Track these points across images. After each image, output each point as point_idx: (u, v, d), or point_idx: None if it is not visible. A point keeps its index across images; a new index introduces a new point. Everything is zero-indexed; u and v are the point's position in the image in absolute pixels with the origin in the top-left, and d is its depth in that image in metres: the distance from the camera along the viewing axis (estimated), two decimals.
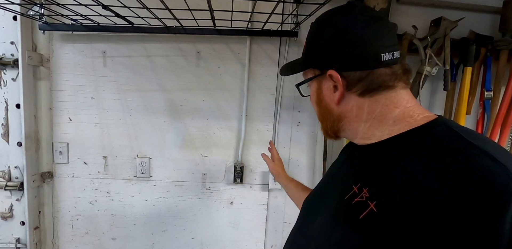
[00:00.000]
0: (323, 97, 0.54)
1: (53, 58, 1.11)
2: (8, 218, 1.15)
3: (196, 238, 1.25)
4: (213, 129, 1.19)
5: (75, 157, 1.17)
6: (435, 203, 0.35)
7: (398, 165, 0.43)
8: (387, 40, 0.48)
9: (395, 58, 0.48)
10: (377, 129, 0.49)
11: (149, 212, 1.22)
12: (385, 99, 0.48)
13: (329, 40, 0.49)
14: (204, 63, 1.15)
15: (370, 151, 0.49)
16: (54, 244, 1.22)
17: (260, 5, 0.87)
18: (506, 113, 1.09)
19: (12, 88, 1.08)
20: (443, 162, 0.38)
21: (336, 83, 0.49)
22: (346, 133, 0.54)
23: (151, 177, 1.20)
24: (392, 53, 0.47)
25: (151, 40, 1.12)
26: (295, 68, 0.60)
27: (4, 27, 1.06)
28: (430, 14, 1.11)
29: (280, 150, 1.21)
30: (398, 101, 0.48)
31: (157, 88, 1.15)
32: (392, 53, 0.47)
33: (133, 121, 1.16)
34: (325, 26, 0.51)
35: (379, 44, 0.47)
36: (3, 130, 1.11)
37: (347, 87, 0.49)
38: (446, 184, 0.35)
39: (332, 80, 0.50)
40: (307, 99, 1.18)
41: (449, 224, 0.34)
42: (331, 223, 0.48)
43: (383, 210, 0.40)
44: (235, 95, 1.17)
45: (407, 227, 0.37)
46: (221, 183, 1.22)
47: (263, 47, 1.14)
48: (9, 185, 1.11)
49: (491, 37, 1.10)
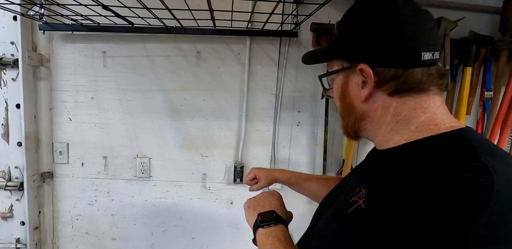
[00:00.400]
0: (348, 93, 0.49)
1: (53, 58, 1.11)
2: (8, 218, 1.15)
3: (196, 238, 1.25)
4: (213, 129, 1.19)
5: (75, 157, 1.17)
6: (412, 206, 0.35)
7: (401, 170, 0.42)
8: (430, 37, 0.44)
9: (434, 59, 0.44)
10: (396, 133, 0.46)
11: (149, 212, 1.22)
12: (414, 103, 0.44)
13: (366, 31, 0.45)
14: (204, 63, 1.15)
15: (384, 156, 0.48)
16: (54, 244, 1.22)
17: (260, 5, 0.87)
18: (506, 113, 1.10)
19: (12, 88, 1.08)
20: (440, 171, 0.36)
21: (366, 79, 0.45)
22: (367, 133, 0.50)
23: (151, 177, 1.20)
24: (433, 53, 0.44)
25: (151, 40, 1.12)
26: (320, 57, 0.55)
27: (4, 27, 1.06)
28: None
29: (280, 150, 1.22)
30: (428, 107, 0.44)
31: (157, 88, 1.15)
32: (432, 53, 0.43)
33: (133, 121, 1.16)
34: (363, 14, 0.46)
35: (421, 41, 0.43)
36: (3, 130, 1.11)
37: (378, 84, 0.45)
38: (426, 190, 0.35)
39: (362, 75, 0.46)
40: (307, 100, 1.19)
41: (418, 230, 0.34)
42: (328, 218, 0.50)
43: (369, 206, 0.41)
44: (235, 95, 1.17)
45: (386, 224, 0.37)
46: (221, 183, 1.22)
47: (263, 47, 1.14)
48: (9, 185, 1.11)
49: (491, 37, 1.10)
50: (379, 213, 0.38)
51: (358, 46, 0.46)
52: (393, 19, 0.44)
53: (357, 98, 0.48)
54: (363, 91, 0.46)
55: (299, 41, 1.14)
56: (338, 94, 0.52)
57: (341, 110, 0.53)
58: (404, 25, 0.43)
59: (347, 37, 0.48)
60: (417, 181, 0.37)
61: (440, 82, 0.45)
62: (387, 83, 0.44)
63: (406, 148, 0.44)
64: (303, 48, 1.15)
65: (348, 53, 0.48)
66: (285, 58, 1.15)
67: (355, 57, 0.47)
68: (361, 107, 0.48)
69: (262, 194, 0.69)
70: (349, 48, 0.47)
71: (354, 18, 0.48)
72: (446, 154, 0.39)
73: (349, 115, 0.50)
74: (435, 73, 0.45)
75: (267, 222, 0.56)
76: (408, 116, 0.45)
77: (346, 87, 0.49)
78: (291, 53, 1.15)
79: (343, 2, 1.09)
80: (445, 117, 0.44)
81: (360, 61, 0.45)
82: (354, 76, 0.47)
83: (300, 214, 1.26)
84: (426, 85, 0.44)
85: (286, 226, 0.59)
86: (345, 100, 0.50)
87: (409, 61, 0.43)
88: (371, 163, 0.52)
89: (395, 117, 0.45)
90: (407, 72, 0.43)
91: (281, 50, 1.14)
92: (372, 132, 0.49)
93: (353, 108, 0.49)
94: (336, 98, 0.53)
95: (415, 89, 0.44)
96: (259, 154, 1.21)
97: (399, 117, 0.45)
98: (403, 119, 0.45)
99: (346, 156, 1.13)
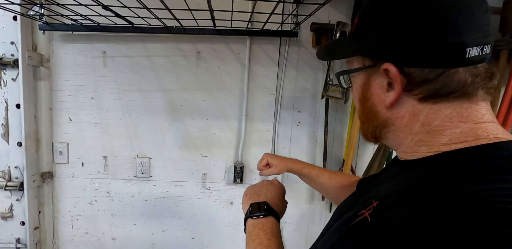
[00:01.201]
0: (370, 96, 0.41)
1: (53, 58, 1.11)
2: (8, 218, 1.15)
3: (196, 238, 1.25)
4: (213, 129, 1.19)
5: (75, 157, 1.17)
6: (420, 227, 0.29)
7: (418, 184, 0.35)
8: (480, 26, 0.34)
9: (484, 55, 0.34)
10: (425, 144, 0.37)
11: (149, 212, 1.22)
12: (451, 110, 0.36)
13: (393, 20, 0.36)
14: (204, 63, 1.15)
15: (406, 167, 0.40)
16: (54, 244, 1.22)
17: (260, 5, 0.87)
18: (506, 113, 1.09)
19: (12, 88, 1.08)
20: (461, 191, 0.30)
21: (393, 80, 0.37)
22: (389, 141, 0.43)
23: (151, 177, 1.20)
24: (483, 47, 0.34)
25: (151, 40, 1.12)
26: (338, 52, 0.46)
27: (4, 27, 1.06)
28: None
29: (280, 150, 1.21)
30: (468, 115, 0.36)
31: (157, 88, 1.15)
32: (482, 47, 0.34)
33: (133, 121, 1.16)
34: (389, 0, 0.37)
35: (468, 33, 0.33)
36: (3, 130, 1.11)
37: (406, 87, 0.36)
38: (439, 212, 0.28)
39: (388, 76, 0.37)
40: (306, 100, 1.19)
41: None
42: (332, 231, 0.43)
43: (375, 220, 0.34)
44: (235, 95, 1.17)
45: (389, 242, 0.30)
46: (221, 183, 1.22)
47: (263, 47, 1.14)
48: (9, 185, 1.11)
49: None
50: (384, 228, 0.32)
51: (382, 40, 0.37)
52: (432, 5, 0.34)
53: (380, 102, 0.40)
54: (388, 95, 0.38)
55: (299, 41, 1.14)
56: (358, 96, 0.43)
57: (360, 114, 0.45)
58: (444, 12, 0.33)
59: (369, 28, 0.39)
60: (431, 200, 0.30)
61: (489, 84, 0.36)
62: (418, 87, 0.36)
63: (432, 160, 0.36)
64: (303, 48, 1.15)
65: (370, 48, 0.39)
66: (285, 58, 1.15)
67: (379, 54, 0.38)
68: (384, 113, 0.40)
69: (262, 182, 0.68)
70: (372, 42, 0.38)
71: (378, 3, 0.38)
72: (477, 170, 0.32)
73: (370, 121, 0.42)
74: (483, 74, 0.36)
75: (255, 213, 0.56)
76: (440, 126, 0.36)
77: (367, 90, 0.41)
78: (291, 53, 1.15)
79: (343, 2, 1.09)
80: (490, 128, 0.35)
81: (385, 59, 0.37)
82: (377, 77, 0.39)
83: (300, 214, 1.26)
84: (470, 89, 0.35)
85: (277, 219, 0.58)
86: (366, 105, 0.42)
87: (449, 60, 0.34)
88: (392, 173, 0.45)
89: (424, 126, 0.37)
90: (445, 73, 0.34)
91: (281, 50, 1.14)
92: (395, 141, 0.41)
93: (376, 113, 0.41)
94: (355, 100, 0.45)
95: (456, 94, 0.35)
96: (259, 154, 1.20)
97: (430, 127, 0.37)
98: (434, 130, 0.37)
99: (346, 156, 1.13)
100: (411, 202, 0.32)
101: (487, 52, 0.35)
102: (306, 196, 1.25)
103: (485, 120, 0.36)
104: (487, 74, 0.36)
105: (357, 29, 0.41)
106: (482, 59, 0.35)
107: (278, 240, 0.51)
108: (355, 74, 0.43)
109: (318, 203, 1.26)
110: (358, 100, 0.44)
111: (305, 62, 1.15)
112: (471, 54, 0.33)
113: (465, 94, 0.35)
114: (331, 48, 0.49)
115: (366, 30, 0.39)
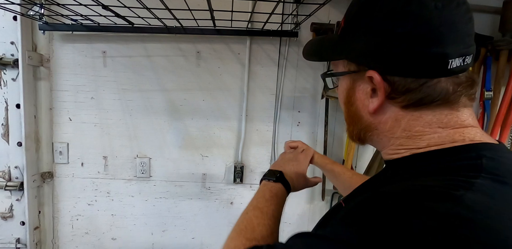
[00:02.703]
0: (354, 101, 0.42)
1: (53, 58, 1.11)
2: (8, 218, 1.15)
3: (196, 238, 1.25)
4: (213, 129, 1.19)
5: (75, 157, 1.17)
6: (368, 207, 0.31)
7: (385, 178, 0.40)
8: (463, 38, 0.35)
9: (465, 65, 0.35)
10: (404, 148, 0.39)
11: (149, 212, 1.22)
12: (431, 117, 0.37)
13: (380, 27, 0.36)
14: (204, 63, 1.15)
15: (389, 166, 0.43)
16: (54, 244, 1.22)
17: (260, 5, 0.87)
18: (506, 113, 1.09)
19: (12, 88, 1.08)
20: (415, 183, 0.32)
21: (377, 87, 0.38)
22: (373, 143, 0.45)
23: (151, 177, 1.20)
24: (464, 57, 0.35)
25: (151, 40, 1.12)
26: (324, 53, 0.47)
27: (4, 27, 1.06)
28: None
29: (280, 150, 1.21)
30: (448, 121, 0.37)
31: (157, 88, 1.15)
32: (464, 57, 0.35)
33: (133, 121, 1.16)
34: (376, 6, 0.36)
35: (451, 45, 0.34)
36: (3, 130, 1.11)
37: (390, 95, 0.37)
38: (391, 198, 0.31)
39: (372, 83, 0.38)
40: (307, 100, 1.19)
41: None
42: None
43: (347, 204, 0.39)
44: (235, 95, 1.17)
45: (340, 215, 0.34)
46: (221, 183, 1.22)
47: (263, 47, 1.14)
48: (9, 185, 1.11)
49: (491, 37, 1.10)
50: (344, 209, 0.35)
51: (368, 46, 0.37)
52: (415, 15, 0.34)
53: (364, 108, 0.41)
54: (372, 101, 0.39)
55: (299, 41, 1.14)
56: (343, 100, 0.44)
57: (346, 116, 0.46)
58: (429, 22, 0.33)
59: (356, 32, 0.39)
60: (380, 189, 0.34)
61: (470, 91, 0.37)
62: (401, 95, 0.37)
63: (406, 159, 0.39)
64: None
65: (355, 54, 0.39)
66: (285, 58, 1.15)
67: (364, 61, 0.38)
68: (368, 118, 0.41)
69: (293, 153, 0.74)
70: (357, 48, 0.38)
71: (366, 8, 0.37)
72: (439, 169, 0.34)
73: (355, 124, 0.44)
74: (465, 82, 0.36)
75: (269, 176, 0.62)
76: (420, 132, 0.38)
77: (352, 94, 0.42)
78: (291, 53, 1.15)
79: (343, 2, 1.09)
80: (468, 132, 0.37)
81: (370, 66, 0.37)
82: (362, 83, 0.40)
83: (300, 214, 1.26)
84: (452, 98, 0.36)
85: (286, 188, 0.61)
86: (351, 108, 0.43)
87: (431, 71, 0.35)
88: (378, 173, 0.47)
89: (406, 132, 0.39)
90: (428, 83, 0.35)
91: (281, 50, 1.14)
92: (379, 144, 0.43)
93: (360, 118, 0.42)
94: (341, 102, 0.46)
95: (438, 102, 0.36)
96: (259, 154, 1.21)
97: (411, 132, 0.38)
98: (414, 135, 0.38)
99: (346, 156, 1.13)
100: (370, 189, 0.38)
101: (468, 62, 0.36)
102: (306, 196, 1.25)
103: (465, 126, 0.37)
104: (468, 83, 0.37)
105: (343, 32, 0.41)
106: (464, 69, 0.36)
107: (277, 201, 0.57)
108: (341, 77, 0.44)
109: (318, 203, 1.26)
110: (343, 103, 0.45)
111: (305, 62, 1.15)
112: (453, 65, 0.34)
113: (447, 102, 0.36)
114: (318, 47, 0.49)
115: (353, 35, 0.39)
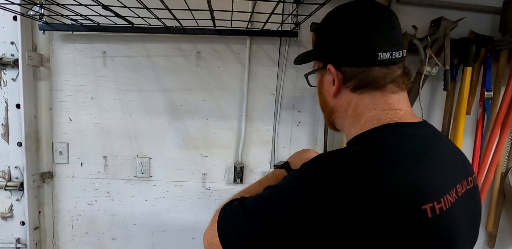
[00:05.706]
0: (323, 90, 0.57)
1: (53, 58, 1.11)
2: (8, 218, 1.15)
3: (196, 238, 1.25)
4: (213, 129, 1.19)
5: (75, 157, 1.17)
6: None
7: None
8: (388, 39, 0.49)
9: (393, 58, 0.49)
10: (353, 127, 0.51)
11: (149, 212, 1.22)
12: (369, 99, 0.50)
13: (333, 34, 0.52)
14: (204, 63, 1.15)
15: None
16: (54, 244, 1.22)
17: (260, 5, 0.87)
18: (506, 113, 1.10)
19: (12, 88, 1.08)
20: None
21: (333, 76, 0.52)
22: (338, 126, 0.57)
23: (151, 177, 1.20)
24: (391, 53, 0.48)
25: (151, 40, 1.12)
26: (305, 58, 0.64)
27: (4, 27, 1.06)
28: (430, 14, 1.11)
29: (280, 150, 1.22)
30: (379, 103, 0.49)
31: (157, 88, 1.15)
32: (391, 52, 0.48)
33: (133, 121, 1.16)
34: (332, 20, 0.54)
35: (379, 43, 0.48)
36: (3, 130, 1.11)
37: (343, 81, 0.51)
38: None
39: (331, 74, 0.52)
40: (307, 100, 1.19)
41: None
42: None
43: None
44: (235, 95, 1.17)
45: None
46: (221, 183, 1.22)
47: (263, 47, 1.14)
48: (9, 185, 1.11)
49: (491, 37, 1.10)
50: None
51: (328, 48, 0.53)
52: (355, 24, 0.49)
53: (329, 94, 0.54)
54: (332, 88, 0.53)
55: (299, 41, 1.14)
56: (318, 91, 0.60)
57: (320, 104, 0.61)
58: (363, 29, 0.49)
59: (321, 40, 0.56)
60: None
61: (398, 80, 0.50)
62: (350, 80, 0.50)
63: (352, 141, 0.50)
64: (303, 48, 1.14)
65: (322, 54, 0.56)
66: (285, 58, 1.15)
67: (326, 58, 0.54)
68: (331, 102, 0.55)
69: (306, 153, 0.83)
70: (323, 50, 0.55)
71: (326, 23, 0.56)
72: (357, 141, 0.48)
73: (325, 110, 0.58)
74: (396, 72, 0.50)
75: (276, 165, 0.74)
76: (361, 112, 0.50)
77: (321, 85, 0.57)
78: (291, 53, 1.15)
79: (343, 2, 1.09)
80: (391, 113, 0.49)
81: (329, 62, 0.52)
82: (326, 75, 0.54)
83: None
84: (382, 83, 0.49)
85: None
86: (321, 97, 0.58)
87: (367, 61, 0.49)
88: None
89: (353, 112, 0.51)
90: (366, 71, 0.49)
91: (281, 50, 1.14)
92: (340, 125, 0.56)
93: (327, 103, 0.56)
94: (318, 94, 0.61)
95: (371, 86, 0.49)
96: (259, 154, 1.21)
97: (356, 112, 0.51)
98: (358, 114, 0.51)
99: None
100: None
101: (396, 57, 0.49)
102: None
103: (390, 108, 0.49)
104: (397, 73, 0.50)
105: (315, 44, 0.59)
106: (393, 62, 0.49)
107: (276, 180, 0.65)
108: (317, 74, 0.59)
109: None
110: (318, 93, 0.60)
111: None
112: (382, 58, 0.48)
113: (378, 87, 0.49)
114: (303, 55, 0.66)
115: (319, 44, 0.57)
